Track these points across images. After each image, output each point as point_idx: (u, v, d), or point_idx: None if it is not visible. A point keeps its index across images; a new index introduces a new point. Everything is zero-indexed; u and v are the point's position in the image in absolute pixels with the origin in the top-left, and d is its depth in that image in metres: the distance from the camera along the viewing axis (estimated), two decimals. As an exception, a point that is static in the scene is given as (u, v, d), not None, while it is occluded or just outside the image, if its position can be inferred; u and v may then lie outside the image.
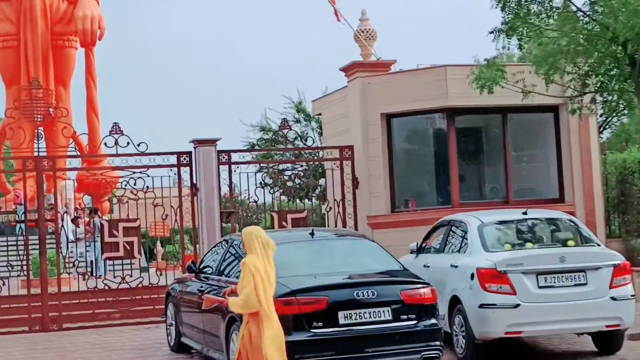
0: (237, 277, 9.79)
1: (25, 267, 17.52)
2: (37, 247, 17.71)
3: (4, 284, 17.71)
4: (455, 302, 11.85)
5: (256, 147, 33.12)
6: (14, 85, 33.49)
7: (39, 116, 19.35)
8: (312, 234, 11.63)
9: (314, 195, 27.86)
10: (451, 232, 12.93)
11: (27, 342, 15.70)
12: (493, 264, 11.32)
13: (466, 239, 12.25)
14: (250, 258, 9.00)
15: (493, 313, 11.16)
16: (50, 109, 19.72)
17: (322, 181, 22.53)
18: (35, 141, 18.41)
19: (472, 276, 11.43)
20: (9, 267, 18.68)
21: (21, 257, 17.99)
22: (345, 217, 18.45)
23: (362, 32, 19.24)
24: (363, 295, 10.19)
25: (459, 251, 12.38)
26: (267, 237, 9.21)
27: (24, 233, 18.33)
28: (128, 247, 17.72)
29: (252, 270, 8.85)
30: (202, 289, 12.02)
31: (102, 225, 18.44)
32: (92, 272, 21.82)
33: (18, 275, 18.48)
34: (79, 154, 20.01)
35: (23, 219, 30.04)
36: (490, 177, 19.05)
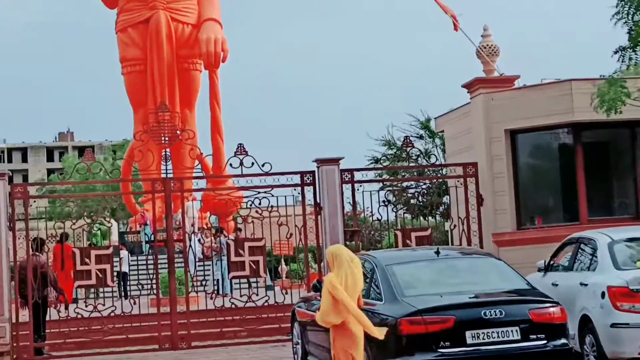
0: (363, 297, 10.04)
1: (154, 286, 17.93)
2: (166, 266, 18.09)
3: (134, 303, 18.15)
4: (585, 321, 11.59)
5: (380, 162, 33.13)
6: (142, 109, 34.33)
7: (166, 138, 19.82)
8: (437, 252, 11.56)
9: (437, 212, 27.68)
10: (580, 250, 12.65)
11: (157, 360, 16.05)
12: (625, 282, 11.04)
13: (596, 256, 11.98)
14: (329, 276, 9.73)
15: (626, 332, 10.87)
16: (177, 132, 20.16)
17: (445, 198, 22.34)
18: (163, 163, 18.85)
19: (603, 294, 11.17)
20: (139, 286, 19.15)
21: (151, 276, 18.41)
22: (470, 235, 18.26)
23: (485, 47, 19.06)
24: (491, 315, 10.06)
25: (588, 269, 12.11)
26: (351, 254, 9.91)
27: (151, 252, 18.76)
28: (254, 266, 17.92)
29: (328, 288, 9.60)
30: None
31: (228, 244, 18.73)
32: (218, 291, 22.19)
33: (148, 294, 18.93)
34: (204, 174, 20.44)
35: (148, 239, 30.91)
36: (619, 193, 18.56)
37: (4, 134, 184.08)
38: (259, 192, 18.30)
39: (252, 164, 18.15)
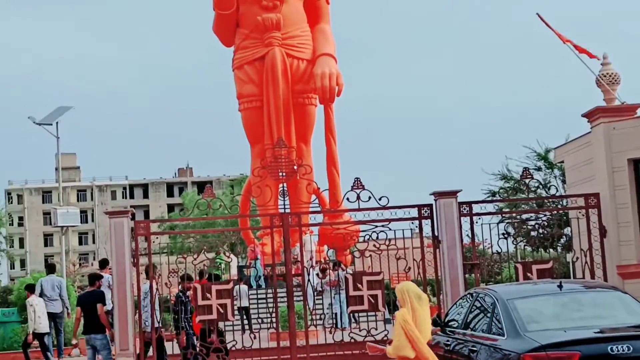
0: (483, 331, 9.93)
1: (274, 320, 18.04)
2: (285, 300, 18.21)
3: (255, 337, 18.31)
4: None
5: (497, 196, 32.74)
6: (259, 144, 34.80)
7: (283, 173, 20.02)
8: (560, 286, 11.31)
9: (558, 244, 27.14)
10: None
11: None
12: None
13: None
14: (400, 312, 10.08)
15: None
16: (294, 167, 20.32)
17: (567, 230, 21.89)
18: (280, 198, 19.02)
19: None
20: (259, 320, 19.31)
21: (270, 310, 18.54)
22: (593, 268, 17.82)
23: (605, 76, 18.69)
24: (618, 350, 9.77)
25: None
26: (418, 291, 10.26)
27: (262, 286, 18.91)
28: (372, 300, 17.87)
29: (401, 323, 9.95)
30: (448, 343, 11.92)
31: (346, 278, 18.74)
32: (337, 325, 22.19)
33: (268, 328, 19.06)
34: (322, 209, 20.55)
35: (259, 273, 31.19)
36: None
37: (126, 171, 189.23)
38: (376, 226, 18.29)
39: (369, 197, 18.18)
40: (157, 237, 18.56)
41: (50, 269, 23.80)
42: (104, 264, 22.82)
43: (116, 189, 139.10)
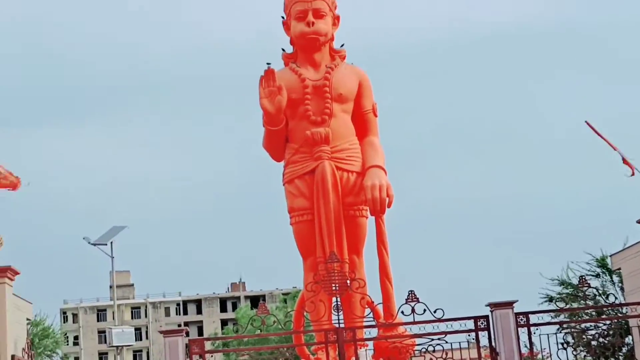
0: None
1: None
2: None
3: None
4: None
5: (555, 302, 32.24)
6: (311, 257, 34.62)
7: (336, 287, 19.93)
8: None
9: (620, 354, 26.46)
10: None
11: None
12: None
13: None
14: None
15: None
16: (347, 281, 20.24)
17: (628, 339, 21.41)
18: (334, 312, 18.88)
19: None
20: None
21: None
22: (657, 377, 17.34)
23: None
24: None
25: None
26: None
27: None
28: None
29: None
30: None
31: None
32: None
33: None
34: (376, 322, 20.36)
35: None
36: None
37: (179, 287, 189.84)
38: (432, 339, 18.08)
39: (424, 310, 18.03)
40: (211, 356, 18.49)
41: None
42: None
43: (170, 305, 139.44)
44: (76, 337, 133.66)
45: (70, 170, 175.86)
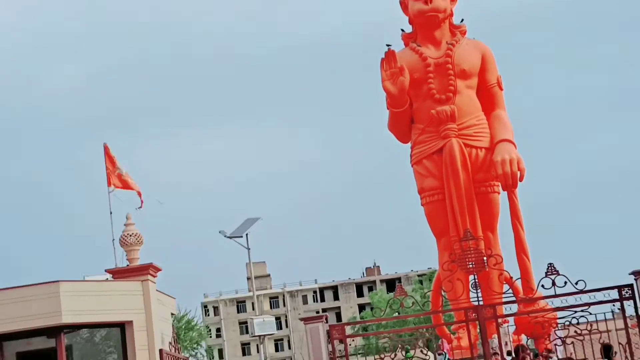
0: None
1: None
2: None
3: None
4: None
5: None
6: (444, 237, 34.41)
7: (472, 265, 19.73)
8: None
9: None
10: None
11: None
12: None
13: None
14: None
15: None
16: (484, 258, 20.00)
17: None
18: (472, 290, 18.68)
19: None
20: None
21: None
22: None
23: None
24: None
25: None
26: None
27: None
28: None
29: None
30: None
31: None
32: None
33: None
34: (516, 298, 20.09)
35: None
36: None
37: (316, 275, 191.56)
38: (575, 312, 17.70)
39: (565, 282, 17.66)
40: (352, 340, 18.59)
41: None
42: None
43: (307, 293, 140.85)
44: (218, 330, 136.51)
45: (206, 167, 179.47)
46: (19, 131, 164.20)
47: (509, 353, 24.66)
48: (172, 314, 19.97)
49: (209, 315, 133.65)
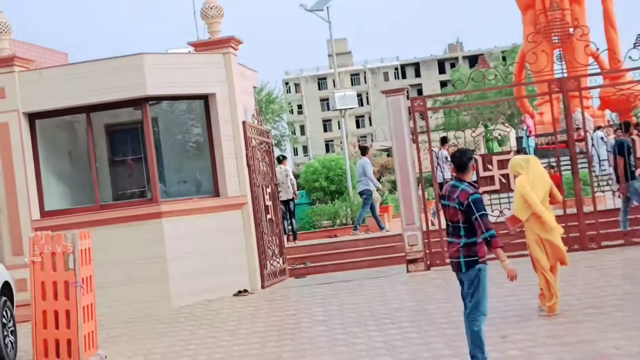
0: None
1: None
2: (569, 167, 17.80)
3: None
4: None
5: None
6: (530, 10, 33.83)
7: (557, 37, 19.32)
8: None
9: None
10: None
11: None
12: None
13: None
14: (518, 179, 11.42)
15: None
16: (570, 29, 19.53)
17: None
18: (556, 62, 18.35)
19: None
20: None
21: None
22: None
23: None
24: None
25: None
26: (523, 158, 11.80)
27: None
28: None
29: (518, 188, 11.35)
30: None
31: (633, 140, 18.02)
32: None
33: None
34: (601, 71, 19.70)
35: (527, 145, 30.41)
36: None
37: (397, 52, 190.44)
38: (663, 83, 17.33)
39: (653, 54, 17.21)
40: (433, 113, 18.60)
41: (363, 151, 24.36)
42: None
43: (388, 70, 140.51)
44: (299, 107, 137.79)
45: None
46: None
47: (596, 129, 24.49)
48: (254, 87, 20.13)
49: (290, 92, 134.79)
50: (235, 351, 11.45)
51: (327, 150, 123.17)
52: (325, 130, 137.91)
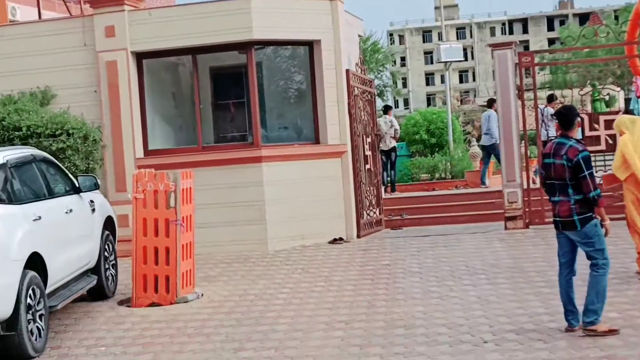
0: None
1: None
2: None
3: None
4: None
5: None
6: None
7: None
8: None
9: None
10: None
11: None
12: None
13: None
14: (622, 137, 11.18)
15: None
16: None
17: None
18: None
19: None
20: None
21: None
22: None
23: None
24: None
25: None
26: (631, 118, 11.47)
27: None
28: None
29: (620, 147, 11.15)
30: None
31: None
32: None
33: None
34: None
35: (636, 106, 29.47)
36: None
37: (505, 7, 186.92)
38: None
39: None
40: (540, 70, 18.20)
41: (489, 103, 23.60)
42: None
43: (495, 25, 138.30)
44: (402, 59, 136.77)
45: None
46: None
47: None
48: (359, 36, 20.01)
49: (394, 43, 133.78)
50: (328, 297, 11.53)
51: (429, 104, 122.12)
52: (427, 84, 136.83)
